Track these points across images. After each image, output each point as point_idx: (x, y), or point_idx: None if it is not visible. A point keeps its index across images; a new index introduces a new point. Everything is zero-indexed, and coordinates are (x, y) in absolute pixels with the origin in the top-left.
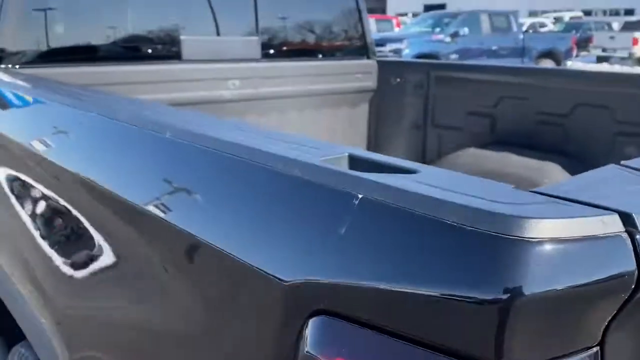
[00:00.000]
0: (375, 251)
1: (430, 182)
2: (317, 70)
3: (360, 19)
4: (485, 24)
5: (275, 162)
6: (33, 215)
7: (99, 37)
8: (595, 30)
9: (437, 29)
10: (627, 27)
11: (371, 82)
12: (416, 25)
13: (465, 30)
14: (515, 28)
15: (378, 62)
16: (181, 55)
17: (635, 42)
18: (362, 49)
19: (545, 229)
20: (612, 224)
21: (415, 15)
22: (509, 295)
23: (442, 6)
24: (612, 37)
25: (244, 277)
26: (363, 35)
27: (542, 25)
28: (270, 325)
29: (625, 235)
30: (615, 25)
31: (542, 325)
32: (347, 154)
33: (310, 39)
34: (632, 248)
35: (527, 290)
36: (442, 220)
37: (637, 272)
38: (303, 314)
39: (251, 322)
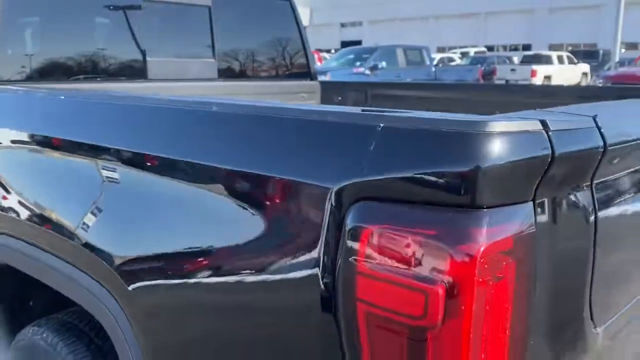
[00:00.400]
0: (393, 157)
1: (423, 115)
2: (266, 90)
3: (304, 46)
4: (401, 57)
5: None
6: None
7: (77, 59)
8: (497, 63)
9: (358, 63)
10: (526, 60)
11: (315, 101)
12: (336, 60)
13: (383, 64)
14: (428, 61)
15: (321, 83)
16: (147, 74)
17: (533, 73)
18: (306, 72)
19: (497, 126)
20: (535, 125)
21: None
22: (476, 165)
23: (358, 42)
24: (513, 70)
25: (304, 193)
26: (307, 60)
27: (451, 59)
28: (325, 220)
29: (543, 132)
30: (515, 59)
31: (497, 184)
32: None
33: (262, 62)
34: (547, 140)
35: (486, 163)
36: (440, 129)
37: (550, 154)
38: (346, 205)
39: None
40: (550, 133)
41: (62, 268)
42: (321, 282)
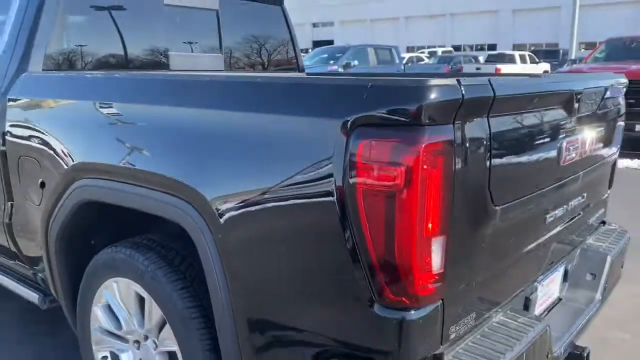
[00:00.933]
0: (377, 101)
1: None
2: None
3: (294, 44)
4: (372, 56)
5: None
6: None
7: (115, 53)
8: (464, 62)
9: (331, 61)
10: (490, 59)
11: None
12: (311, 58)
13: (355, 62)
14: (397, 60)
15: (307, 74)
16: (169, 66)
17: (497, 71)
18: (295, 66)
19: (432, 82)
20: (453, 82)
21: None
22: (421, 103)
23: (330, 42)
24: (478, 69)
25: (328, 124)
26: (295, 56)
27: (420, 59)
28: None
29: (457, 85)
30: (481, 59)
31: (432, 113)
32: None
33: (260, 56)
34: (460, 90)
35: (426, 101)
36: (404, 85)
37: (461, 98)
38: (350, 129)
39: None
40: (461, 86)
41: (162, 198)
42: (338, 178)
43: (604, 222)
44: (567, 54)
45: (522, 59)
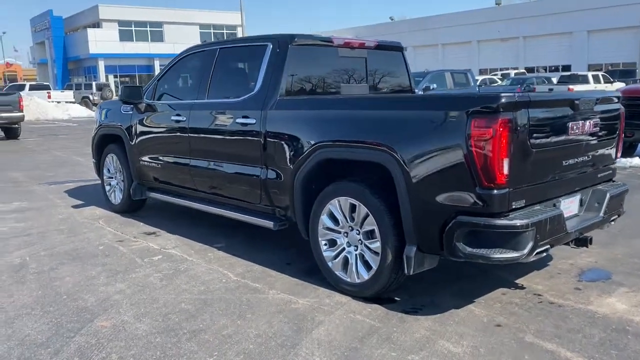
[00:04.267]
0: (484, 101)
1: (487, 90)
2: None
3: (408, 75)
4: (449, 80)
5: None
6: None
7: (314, 84)
8: (537, 84)
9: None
10: (563, 80)
11: None
12: None
13: (434, 86)
14: (472, 83)
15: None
16: (341, 92)
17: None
18: (409, 89)
19: (503, 96)
20: (511, 94)
21: None
22: (498, 103)
23: None
24: (550, 89)
25: (461, 114)
26: (410, 82)
27: (493, 81)
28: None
29: (513, 95)
30: (554, 80)
31: (502, 108)
32: None
33: (388, 84)
34: (514, 97)
35: (500, 102)
36: (488, 95)
37: (515, 101)
38: (469, 116)
39: (462, 124)
40: (515, 95)
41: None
42: (464, 135)
43: (612, 180)
44: None
45: (596, 79)
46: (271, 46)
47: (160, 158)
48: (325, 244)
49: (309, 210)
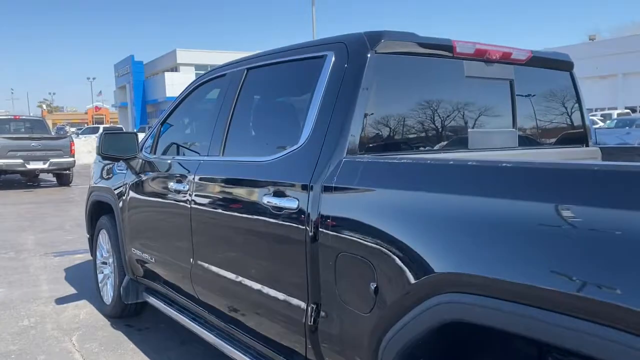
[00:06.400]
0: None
1: None
2: (557, 156)
3: (581, 112)
4: None
5: None
6: None
7: (419, 133)
8: None
9: None
10: None
11: None
12: None
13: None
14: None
15: (601, 149)
16: (467, 144)
17: None
18: (584, 138)
19: None
20: None
21: None
22: None
23: None
24: None
25: None
26: (583, 125)
27: (593, 122)
28: None
29: None
30: None
31: None
32: None
33: (548, 129)
34: None
35: None
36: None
37: None
38: None
39: None
40: None
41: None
42: None
43: None
44: None
45: None
46: (333, 58)
47: (154, 247)
48: None
49: None
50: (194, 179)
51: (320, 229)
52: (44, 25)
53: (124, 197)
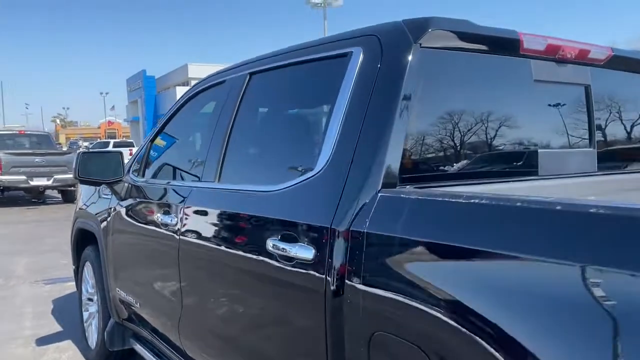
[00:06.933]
0: None
1: None
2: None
3: None
4: None
5: None
6: None
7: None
8: None
9: None
10: None
11: None
12: None
13: None
14: None
15: None
16: (538, 170)
17: None
18: None
19: None
20: None
21: None
22: None
23: None
24: None
25: None
26: None
27: None
28: None
29: None
30: None
31: None
32: None
33: (632, 147)
34: None
35: None
36: None
37: None
38: None
39: None
40: None
41: None
42: None
43: None
44: None
45: None
46: (361, 55)
47: (139, 290)
48: None
49: None
50: (182, 210)
51: (347, 295)
52: (59, 41)
53: (108, 227)
